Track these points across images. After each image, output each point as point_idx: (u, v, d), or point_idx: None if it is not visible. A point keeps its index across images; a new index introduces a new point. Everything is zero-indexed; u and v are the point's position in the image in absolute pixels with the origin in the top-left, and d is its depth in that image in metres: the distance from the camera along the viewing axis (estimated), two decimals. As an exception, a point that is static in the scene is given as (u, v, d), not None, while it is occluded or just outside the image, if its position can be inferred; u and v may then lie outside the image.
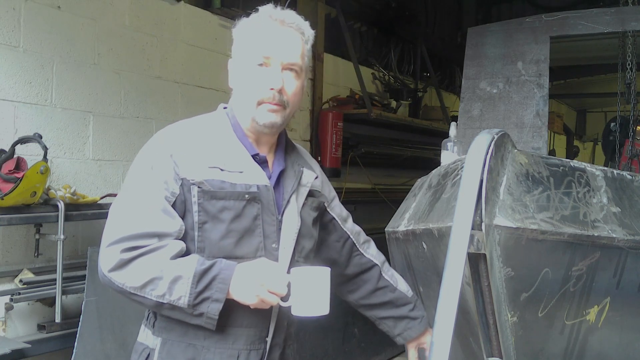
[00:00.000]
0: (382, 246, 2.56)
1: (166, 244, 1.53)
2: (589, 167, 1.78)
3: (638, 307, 1.90)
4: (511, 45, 3.75)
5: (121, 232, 1.52)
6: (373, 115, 5.19)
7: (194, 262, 1.52)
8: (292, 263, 1.68)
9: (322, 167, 5.41)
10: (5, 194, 2.64)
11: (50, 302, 3.02)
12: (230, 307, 1.56)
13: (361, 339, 4.89)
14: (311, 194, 1.79)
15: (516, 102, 3.64)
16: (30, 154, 2.95)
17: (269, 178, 1.68)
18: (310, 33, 1.72)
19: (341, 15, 5.37)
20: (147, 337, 1.67)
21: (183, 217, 1.59)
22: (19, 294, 2.86)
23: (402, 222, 2.08)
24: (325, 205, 1.91)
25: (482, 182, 1.50)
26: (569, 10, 3.86)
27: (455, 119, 4.46)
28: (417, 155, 6.26)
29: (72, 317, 2.96)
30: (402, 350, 4.31)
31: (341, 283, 2.01)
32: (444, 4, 7.65)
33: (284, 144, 1.81)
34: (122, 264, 1.50)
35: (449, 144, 2.55)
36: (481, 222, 1.50)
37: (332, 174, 5.12)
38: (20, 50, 3.05)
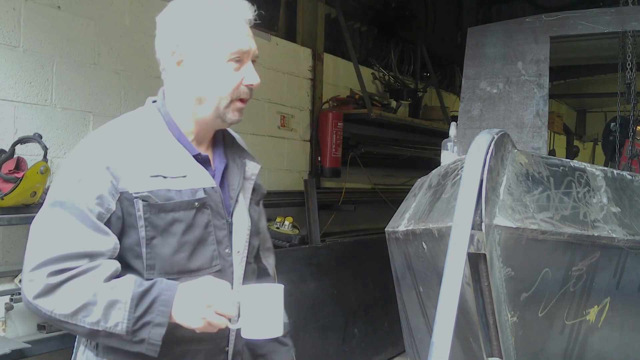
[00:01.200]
0: (382, 246, 2.57)
1: (98, 264, 1.37)
2: (589, 167, 1.78)
3: (638, 307, 1.90)
4: (511, 45, 3.75)
5: (47, 254, 1.34)
6: (373, 115, 5.19)
7: (130, 284, 1.36)
8: (246, 266, 1.58)
9: (321, 167, 5.42)
10: (5, 194, 2.64)
11: (50, 302, 3.02)
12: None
13: (361, 339, 4.89)
14: (254, 187, 1.65)
15: (516, 102, 3.64)
16: (30, 154, 2.95)
17: (213, 178, 1.53)
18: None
19: (341, 15, 5.36)
20: (88, 358, 1.51)
21: (122, 234, 1.43)
22: (19, 294, 2.86)
23: (402, 222, 2.08)
24: None
25: (482, 182, 1.50)
26: (569, 10, 3.86)
27: (455, 119, 4.46)
28: (417, 155, 6.25)
29: (72, 317, 2.96)
30: (402, 350, 4.31)
31: None
32: (444, 4, 7.65)
33: (221, 136, 1.64)
34: (50, 289, 1.33)
35: (449, 144, 2.55)
36: (481, 222, 1.50)
37: (332, 174, 5.12)
38: (20, 50, 3.05)
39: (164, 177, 1.44)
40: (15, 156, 2.83)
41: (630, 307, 1.88)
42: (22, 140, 2.89)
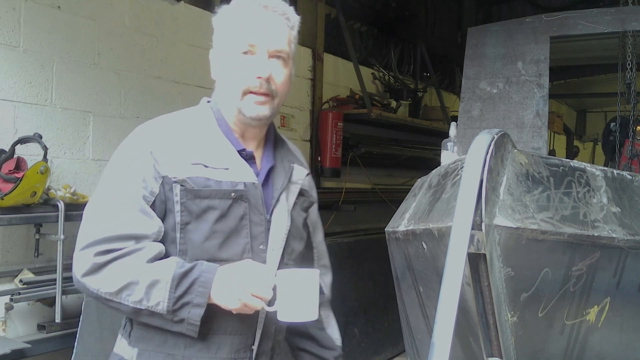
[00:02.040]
0: (382, 246, 2.57)
1: (143, 246, 1.43)
2: (589, 167, 1.78)
3: (638, 307, 1.90)
4: (511, 45, 3.75)
5: (95, 235, 1.43)
6: (373, 115, 5.19)
7: (172, 265, 1.42)
8: (281, 266, 1.57)
9: (321, 167, 5.42)
10: (5, 194, 2.64)
11: (50, 302, 3.02)
12: (213, 313, 1.46)
13: (361, 339, 4.89)
14: (301, 192, 1.67)
15: (516, 102, 3.64)
16: (30, 154, 2.95)
17: (257, 175, 1.57)
18: (295, 19, 1.60)
19: (341, 15, 5.37)
20: (123, 347, 1.57)
21: (163, 218, 1.49)
22: (19, 294, 2.86)
23: (402, 222, 2.08)
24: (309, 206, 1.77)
25: (482, 182, 1.50)
26: (569, 10, 3.86)
27: (455, 119, 4.46)
28: (417, 155, 6.25)
29: (72, 317, 2.96)
30: (402, 350, 4.31)
31: None
32: (444, 4, 7.65)
33: (273, 139, 1.68)
34: (96, 268, 1.41)
35: (449, 144, 2.55)
36: (481, 222, 1.50)
37: (332, 174, 5.12)
38: (20, 50, 3.05)
39: (205, 166, 1.49)
40: (15, 156, 2.83)
41: (630, 307, 1.87)
42: (22, 140, 2.89)
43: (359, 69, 5.38)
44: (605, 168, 1.86)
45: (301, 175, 1.67)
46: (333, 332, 1.85)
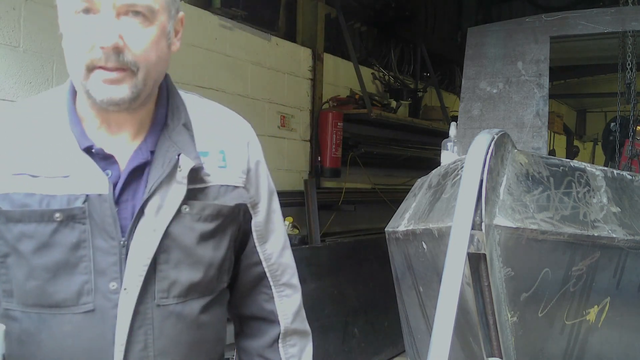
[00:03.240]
0: (382, 246, 2.57)
1: None
2: (589, 167, 1.78)
3: (638, 307, 1.90)
4: (511, 45, 3.75)
5: None
6: (373, 115, 5.19)
7: None
8: (149, 310, 1.11)
9: (321, 167, 5.42)
10: (5, 194, 2.64)
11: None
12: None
13: (361, 339, 4.89)
14: (200, 194, 1.16)
15: (516, 102, 3.64)
16: (30, 154, 2.95)
17: (117, 180, 1.12)
18: None
19: (341, 15, 5.37)
20: None
21: None
22: (19, 294, 2.85)
23: (402, 222, 2.08)
24: (248, 208, 1.25)
25: (482, 182, 1.50)
26: (569, 10, 3.86)
27: (455, 119, 4.46)
28: (417, 155, 6.26)
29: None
30: (402, 350, 4.31)
31: (232, 315, 1.37)
32: (444, 4, 7.66)
33: (162, 122, 1.18)
34: None
35: (449, 144, 2.55)
36: (481, 222, 1.50)
37: (332, 174, 5.13)
38: (20, 50, 3.05)
39: (33, 176, 1.09)
40: (15, 156, 2.83)
41: (630, 307, 1.88)
42: (22, 140, 2.89)
43: (359, 69, 5.38)
44: (605, 168, 1.86)
45: (186, 168, 1.13)
46: None
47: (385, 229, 2.42)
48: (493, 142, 1.54)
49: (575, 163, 1.76)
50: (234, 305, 1.33)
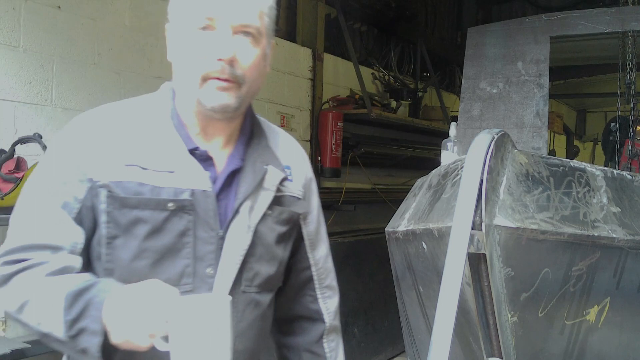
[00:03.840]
0: (382, 246, 2.57)
1: (48, 259, 1.19)
2: (589, 167, 1.78)
3: (638, 307, 1.90)
4: (511, 45, 3.75)
5: (10, 243, 1.22)
6: (373, 115, 5.19)
7: (69, 282, 1.15)
8: (238, 295, 1.27)
9: (321, 167, 5.42)
10: (5, 194, 2.64)
11: (50, 302, 3.02)
12: None
13: (361, 339, 4.89)
14: (279, 201, 1.35)
15: (516, 102, 3.64)
16: (30, 154, 2.94)
17: (214, 180, 1.28)
18: None
19: (341, 15, 5.37)
20: None
21: (94, 229, 1.25)
22: (19, 294, 2.85)
23: (402, 222, 2.08)
24: (300, 217, 1.43)
25: (482, 182, 1.50)
26: (569, 10, 3.86)
27: (455, 119, 4.46)
28: (417, 155, 6.25)
29: (72, 317, 2.96)
30: (402, 350, 4.31)
31: (278, 317, 1.50)
32: (444, 4, 7.66)
33: (248, 134, 1.36)
34: (3, 280, 1.20)
35: (449, 144, 2.55)
36: (481, 222, 1.50)
37: (332, 174, 5.12)
38: (20, 50, 3.05)
39: (143, 169, 1.23)
40: (15, 156, 2.83)
41: (630, 307, 1.88)
42: (22, 140, 2.89)
43: (359, 69, 5.38)
44: (605, 168, 1.86)
45: (277, 179, 1.34)
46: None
47: (385, 229, 2.42)
48: (493, 142, 1.54)
49: (575, 163, 1.76)
50: (279, 306, 1.48)
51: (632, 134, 4.15)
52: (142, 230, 1.22)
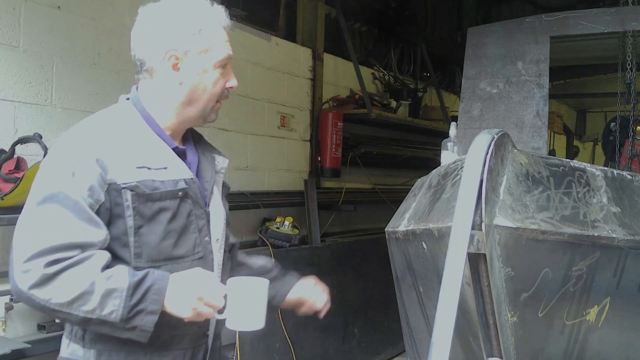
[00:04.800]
0: (382, 246, 2.57)
1: (92, 254, 1.43)
2: (589, 167, 1.78)
3: (638, 307, 1.90)
4: (511, 45, 3.75)
5: (41, 244, 1.39)
6: (373, 115, 5.19)
7: (125, 274, 1.43)
8: (224, 254, 1.69)
9: (321, 167, 5.43)
10: (5, 194, 2.64)
11: (50, 302, 3.02)
12: (168, 315, 1.48)
13: (361, 339, 4.89)
14: (223, 182, 1.79)
15: (516, 102, 3.64)
16: (30, 154, 2.95)
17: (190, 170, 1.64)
18: None
19: (341, 15, 5.36)
20: (75, 351, 1.55)
21: (109, 224, 1.49)
22: (19, 294, 2.85)
23: (402, 222, 2.08)
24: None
25: (482, 182, 1.50)
26: (569, 10, 3.86)
27: (455, 119, 4.46)
28: (417, 155, 6.25)
29: (72, 317, 2.95)
30: (402, 350, 4.31)
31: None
32: (444, 4, 7.65)
33: (190, 133, 1.76)
34: (46, 280, 1.37)
35: (449, 144, 2.55)
36: (481, 222, 1.50)
37: (332, 174, 5.12)
38: (20, 50, 3.05)
39: (149, 169, 1.53)
40: (15, 156, 2.83)
41: (630, 307, 1.88)
42: (22, 140, 2.89)
43: (359, 69, 5.38)
44: (605, 168, 1.86)
45: (224, 164, 1.77)
46: (261, 261, 1.95)
47: (385, 229, 2.42)
48: (493, 142, 1.54)
49: (575, 163, 1.76)
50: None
51: (632, 134, 4.15)
52: (165, 217, 1.53)
